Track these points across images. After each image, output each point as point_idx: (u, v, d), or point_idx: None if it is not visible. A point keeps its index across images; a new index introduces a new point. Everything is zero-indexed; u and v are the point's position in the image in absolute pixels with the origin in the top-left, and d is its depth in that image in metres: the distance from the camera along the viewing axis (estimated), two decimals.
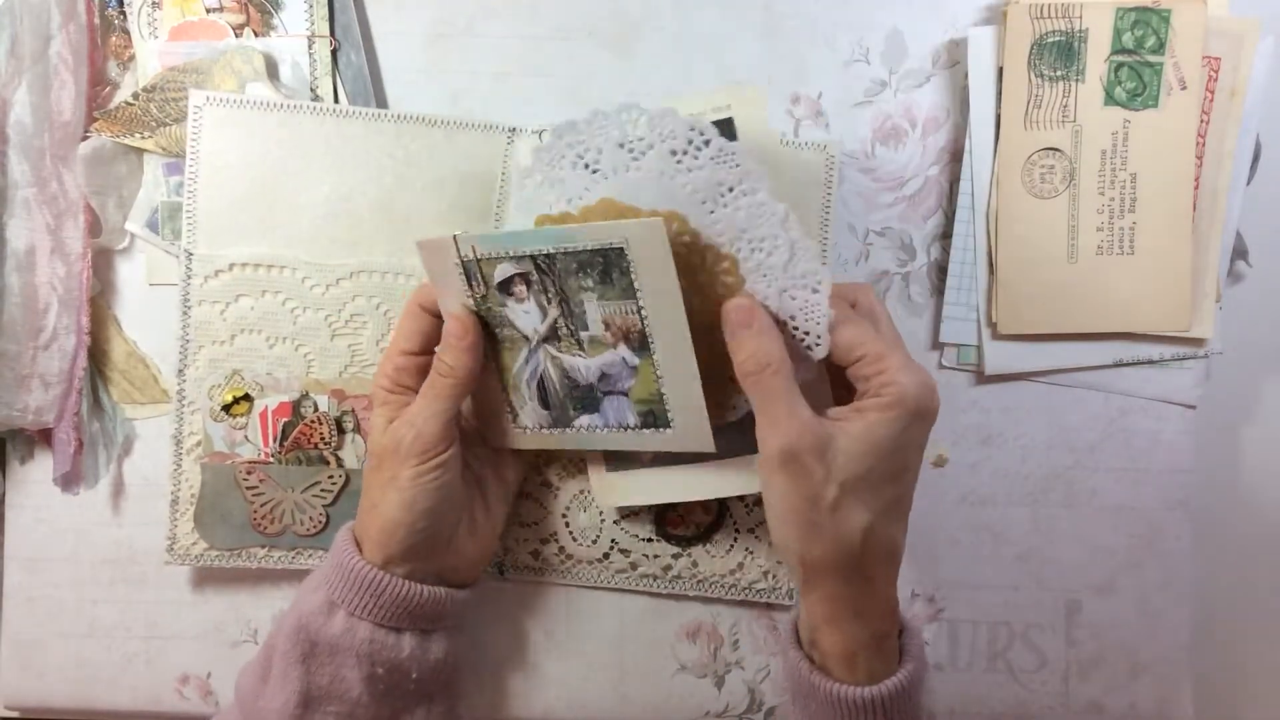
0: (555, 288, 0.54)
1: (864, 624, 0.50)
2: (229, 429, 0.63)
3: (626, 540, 0.63)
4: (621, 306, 0.53)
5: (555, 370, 0.57)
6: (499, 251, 0.53)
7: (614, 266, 0.52)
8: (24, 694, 0.67)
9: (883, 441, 0.49)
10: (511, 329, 0.56)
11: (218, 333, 0.62)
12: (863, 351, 0.50)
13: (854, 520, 0.49)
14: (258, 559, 0.64)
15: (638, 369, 0.55)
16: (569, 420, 0.58)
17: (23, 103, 0.61)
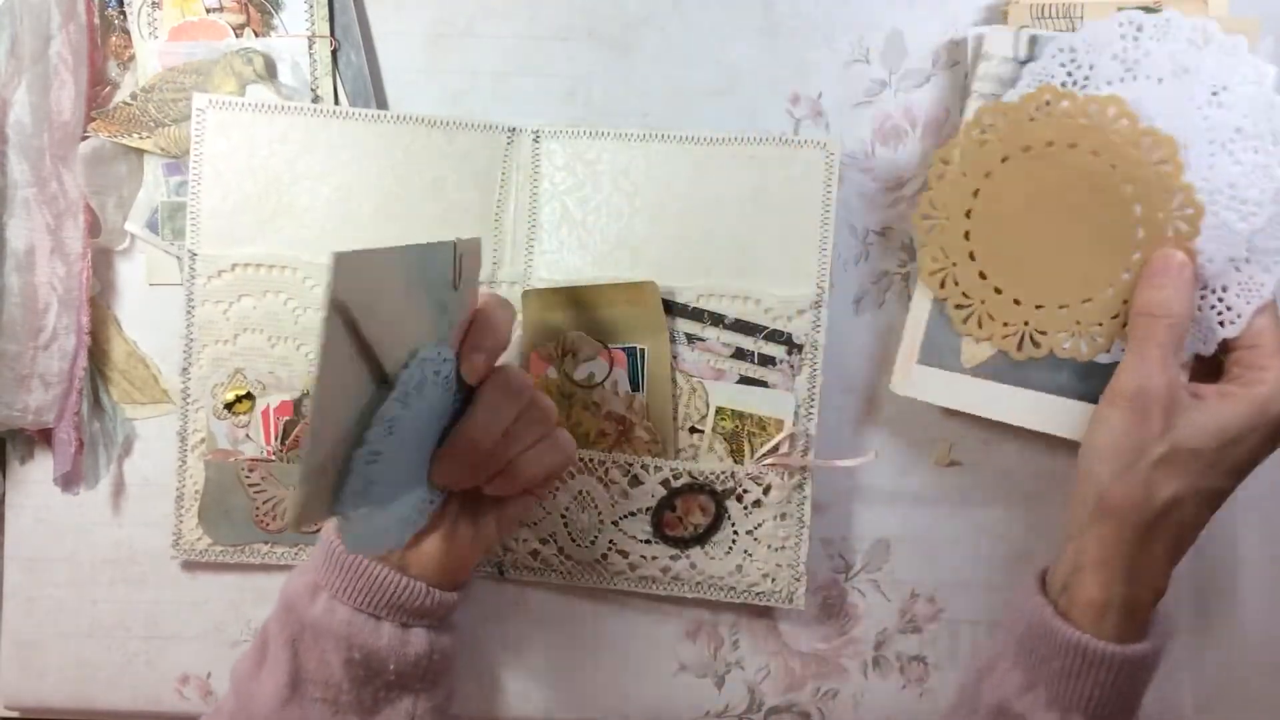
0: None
1: (1127, 583, 0.50)
2: (232, 427, 0.63)
3: (624, 541, 0.63)
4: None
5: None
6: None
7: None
8: (24, 694, 0.67)
9: (1228, 429, 0.49)
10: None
11: (221, 332, 0.62)
12: (1262, 342, 0.51)
13: (1168, 484, 0.49)
14: (261, 555, 0.64)
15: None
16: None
17: (22, 103, 0.61)
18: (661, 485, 0.62)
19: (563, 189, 0.63)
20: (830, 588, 0.66)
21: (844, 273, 0.65)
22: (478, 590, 0.66)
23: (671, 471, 0.62)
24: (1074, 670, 0.50)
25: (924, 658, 0.66)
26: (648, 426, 0.62)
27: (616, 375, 0.62)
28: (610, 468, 0.63)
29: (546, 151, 0.63)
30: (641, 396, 0.62)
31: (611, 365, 0.62)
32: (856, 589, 0.66)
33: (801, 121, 0.65)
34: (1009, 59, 0.59)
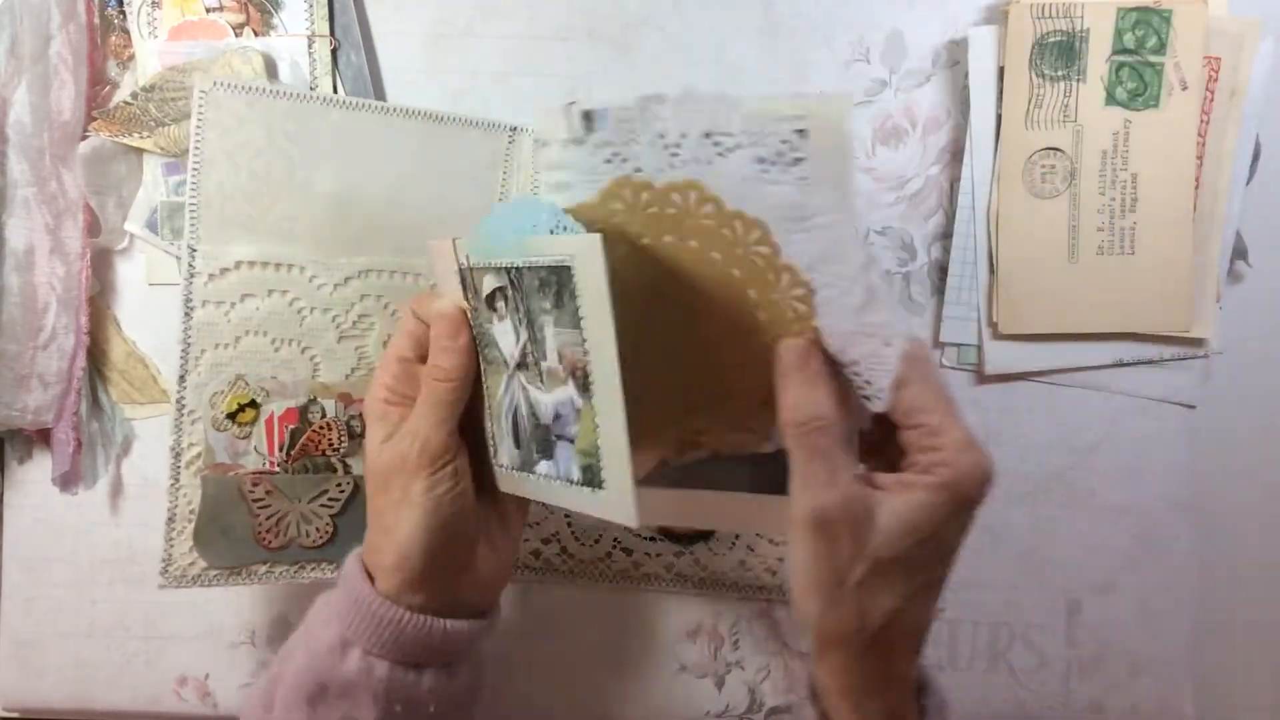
0: (524, 306, 0.48)
1: (879, 700, 0.47)
2: (232, 439, 0.60)
3: (629, 540, 0.63)
4: (570, 337, 0.46)
5: (525, 404, 0.50)
6: (482, 260, 0.49)
7: (565, 288, 0.45)
8: (23, 694, 0.66)
9: (924, 525, 0.44)
10: (496, 350, 0.51)
11: (222, 335, 0.60)
12: (923, 420, 0.45)
13: (879, 602, 0.45)
14: (258, 576, 0.62)
15: (580, 414, 0.47)
16: (533, 464, 0.51)
17: (22, 102, 0.61)
18: None
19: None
20: None
21: None
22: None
23: None
24: None
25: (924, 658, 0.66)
26: None
27: None
28: None
29: None
30: None
31: None
32: None
33: None
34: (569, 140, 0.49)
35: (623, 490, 0.46)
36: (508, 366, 0.50)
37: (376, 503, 0.52)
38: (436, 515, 0.50)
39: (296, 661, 0.51)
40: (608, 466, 0.46)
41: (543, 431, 0.49)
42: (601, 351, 0.44)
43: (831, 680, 0.47)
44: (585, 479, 0.48)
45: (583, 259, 0.44)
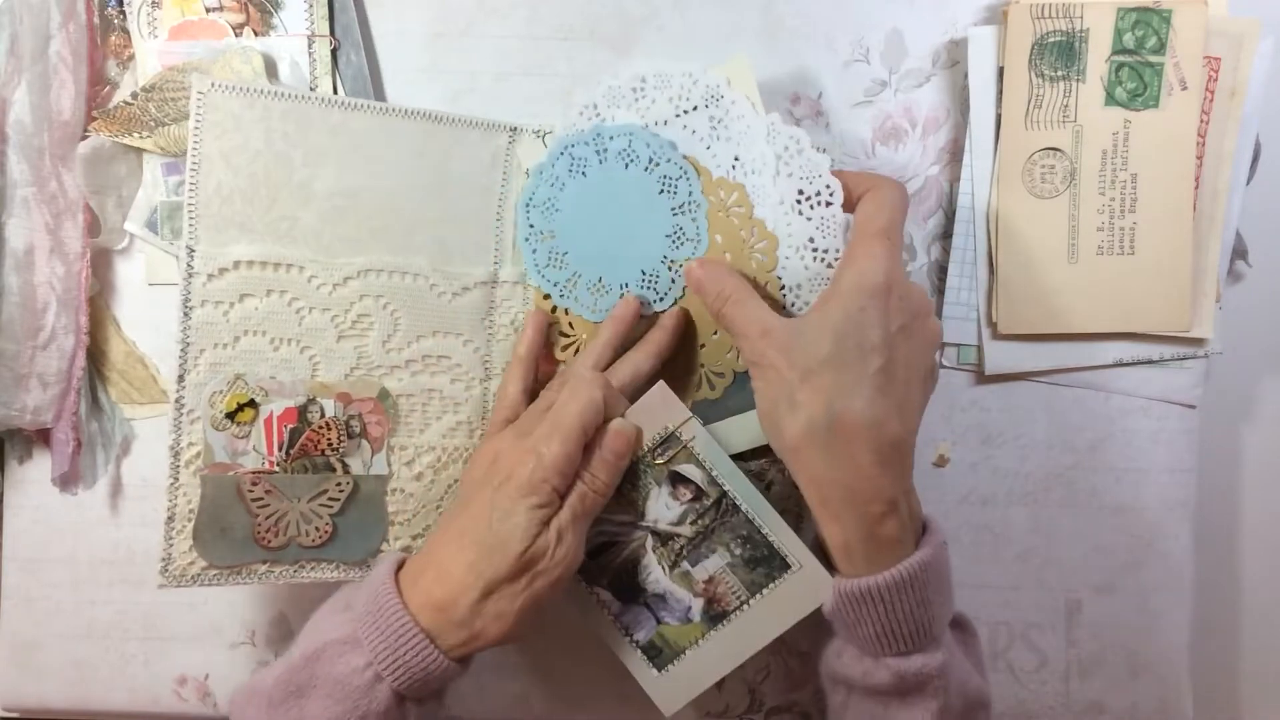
0: (710, 523, 0.56)
1: (851, 506, 0.51)
2: (231, 438, 0.60)
3: None
4: (737, 586, 0.56)
5: (633, 553, 0.58)
6: (705, 458, 0.56)
7: (765, 566, 0.56)
8: (22, 695, 0.66)
9: (837, 323, 0.50)
10: (635, 494, 0.57)
11: (220, 335, 0.60)
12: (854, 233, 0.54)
13: (818, 400, 0.50)
14: (258, 576, 0.61)
15: (688, 626, 0.57)
16: (595, 581, 0.58)
17: (22, 102, 0.61)
18: None
19: None
20: None
21: None
22: None
23: None
24: (853, 617, 0.51)
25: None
26: None
27: None
28: None
29: None
30: None
31: None
32: None
33: (801, 121, 0.65)
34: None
35: (684, 693, 0.58)
36: (641, 518, 0.57)
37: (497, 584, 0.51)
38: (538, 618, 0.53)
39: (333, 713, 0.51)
40: (681, 670, 0.57)
41: (635, 587, 0.58)
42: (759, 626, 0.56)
43: (812, 493, 0.52)
44: (648, 651, 0.58)
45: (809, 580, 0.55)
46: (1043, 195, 0.63)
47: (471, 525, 0.53)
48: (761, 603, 0.56)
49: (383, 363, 0.62)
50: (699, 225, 0.59)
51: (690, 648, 0.57)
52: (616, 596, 0.58)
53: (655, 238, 0.60)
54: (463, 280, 0.62)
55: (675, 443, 0.56)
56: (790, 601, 0.55)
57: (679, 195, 0.59)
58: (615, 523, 0.57)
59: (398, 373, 0.62)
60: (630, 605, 0.58)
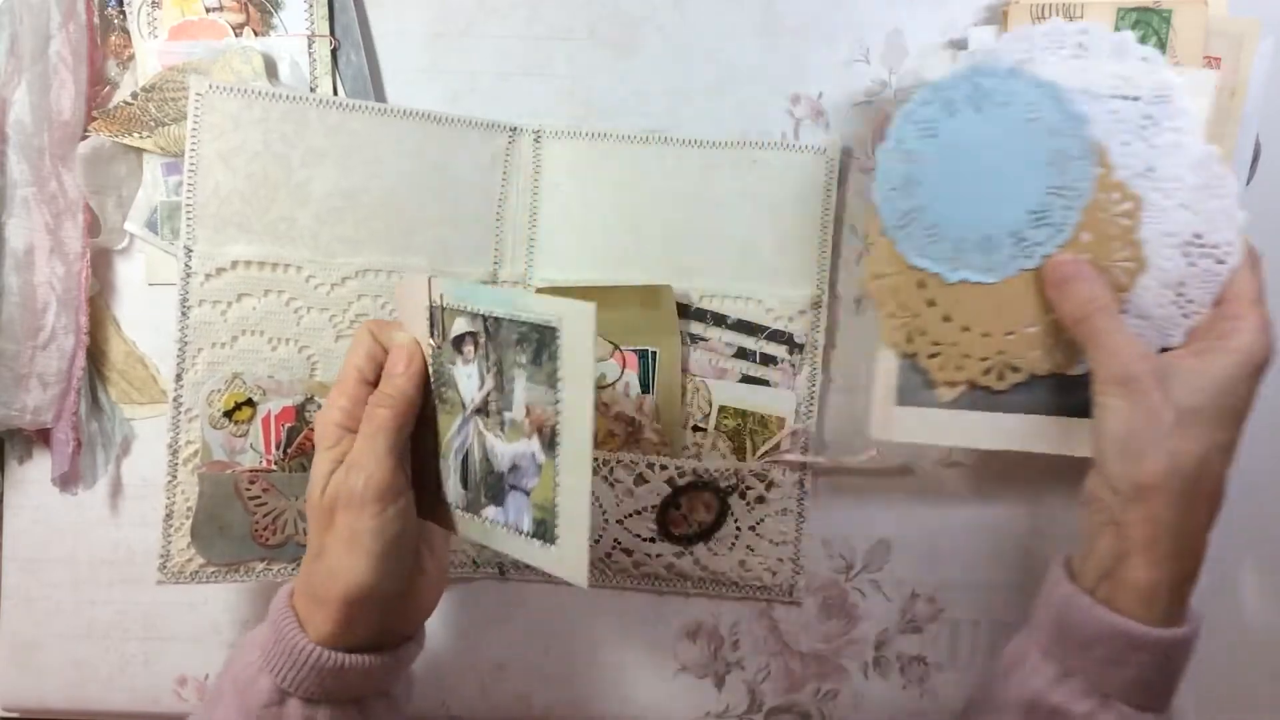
0: (495, 356, 0.50)
1: (1177, 557, 0.50)
2: (229, 436, 0.61)
3: (629, 540, 0.63)
4: (543, 394, 0.49)
5: (479, 447, 0.52)
6: (459, 304, 0.51)
7: (545, 348, 0.48)
8: (22, 695, 0.66)
9: (1221, 380, 0.49)
10: (454, 391, 0.52)
11: (218, 334, 0.61)
12: (1233, 295, 0.52)
13: (1191, 444, 0.49)
14: (256, 573, 0.62)
15: (542, 469, 0.49)
16: (479, 506, 0.52)
17: (22, 102, 0.61)
18: (666, 484, 0.63)
19: (563, 189, 0.63)
20: (830, 587, 0.66)
21: (845, 273, 0.65)
22: (478, 590, 0.66)
23: (676, 470, 0.62)
24: (1116, 657, 0.49)
25: (924, 658, 0.66)
26: (657, 429, 0.62)
27: (627, 377, 0.62)
28: (615, 467, 0.63)
29: (548, 152, 0.63)
30: (652, 398, 0.62)
31: (624, 367, 0.62)
32: (856, 589, 0.66)
33: (801, 121, 0.65)
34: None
35: (577, 549, 0.48)
36: (465, 409, 0.52)
37: (323, 539, 0.50)
38: (385, 555, 0.49)
39: (230, 712, 0.50)
40: (563, 524, 0.48)
41: (496, 478, 0.51)
42: (577, 416, 0.47)
43: (1141, 530, 0.49)
44: (537, 532, 0.50)
45: (572, 325, 0.46)
46: None
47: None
48: (563, 389, 0.48)
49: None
50: (1071, 215, 0.55)
51: (556, 496, 0.49)
52: (495, 503, 0.52)
53: (1016, 208, 0.56)
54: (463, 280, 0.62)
55: (438, 313, 0.52)
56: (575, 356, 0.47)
57: (1065, 176, 0.55)
58: (454, 436, 0.53)
59: None
60: (504, 500, 0.51)
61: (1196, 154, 0.54)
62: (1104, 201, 0.55)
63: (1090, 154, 0.55)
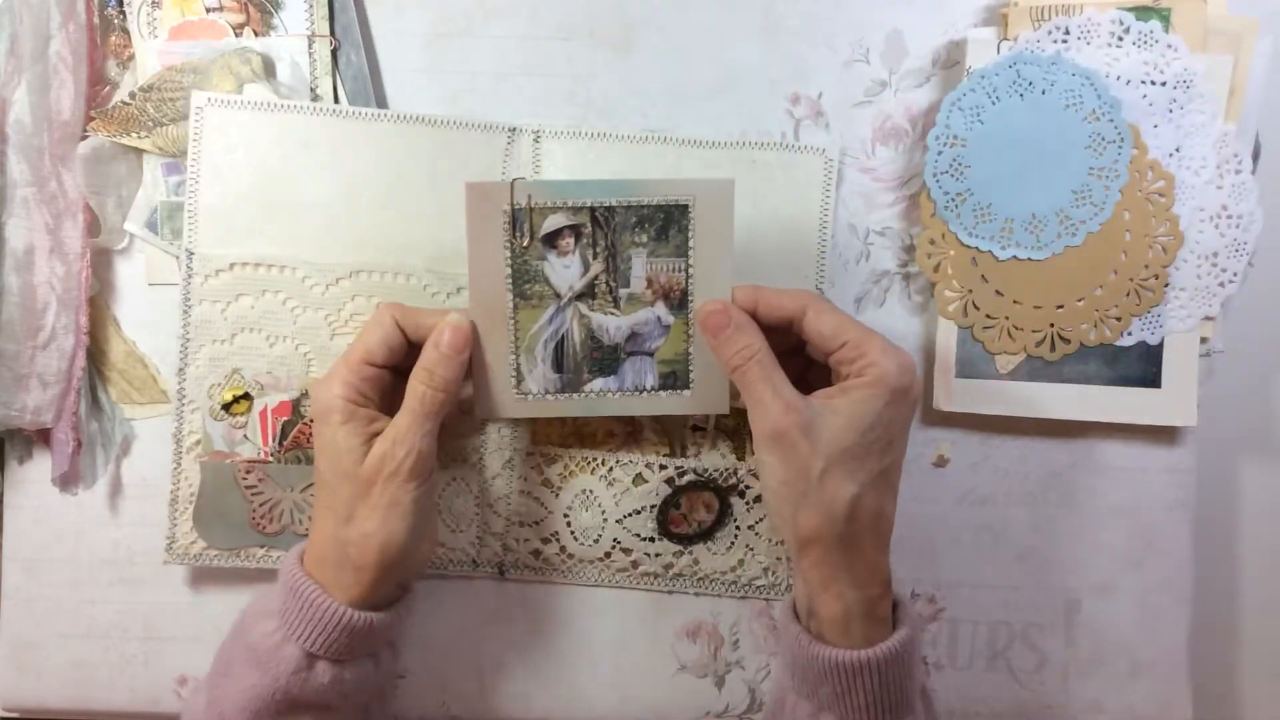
0: (606, 241, 0.56)
1: (856, 588, 0.52)
2: (229, 428, 0.63)
3: (628, 539, 0.63)
4: (670, 264, 0.56)
5: (580, 330, 0.57)
6: (557, 201, 0.55)
7: (674, 223, 0.55)
8: (22, 695, 0.66)
9: (865, 417, 0.51)
10: (543, 285, 0.56)
11: (218, 331, 0.62)
12: (846, 338, 0.53)
13: (841, 490, 0.51)
14: (256, 559, 0.64)
15: (670, 328, 0.57)
16: (580, 384, 0.58)
17: (22, 102, 0.61)
18: (666, 483, 0.63)
19: None
20: None
21: (844, 273, 0.65)
22: (478, 590, 0.66)
23: (676, 469, 0.62)
24: (845, 687, 0.51)
25: (924, 658, 0.66)
26: (656, 428, 0.62)
27: None
28: (614, 467, 0.63)
29: (547, 152, 0.63)
30: None
31: None
32: None
33: (801, 121, 0.65)
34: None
35: (716, 386, 0.58)
36: (559, 299, 0.57)
37: (354, 508, 0.53)
38: (420, 522, 0.54)
39: (249, 681, 0.53)
40: (698, 369, 0.58)
41: (606, 352, 0.58)
42: (716, 273, 0.56)
43: (815, 573, 0.52)
44: (665, 384, 0.58)
45: (710, 199, 0.55)
46: None
47: (316, 482, 0.56)
48: (696, 253, 0.56)
49: None
50: (1110, 195, 0.60)
51: (689, 345, 0.57)
52: (604, 374, 0.58)
53: (1059, 189, 0.61)
54: (458, 280, 0.62)
55: (522, 214, 0.55)
56: (712, 228, 0.55)
57: (1103, 159, 0.60)
58: (543, 326, 0.57)
59: None
60: (618, 370, 0.58)
61: (1216, 133, 0.59)
62: (1138, 181, 0.60)
63: (1125, 137, 0.60)
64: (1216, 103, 0.61)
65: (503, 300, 0.56)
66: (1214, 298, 0.62)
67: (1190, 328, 0.63)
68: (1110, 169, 0.60)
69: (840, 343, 0.53)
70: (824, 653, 0.52)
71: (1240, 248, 0.61)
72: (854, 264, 0.65)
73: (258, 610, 0.55)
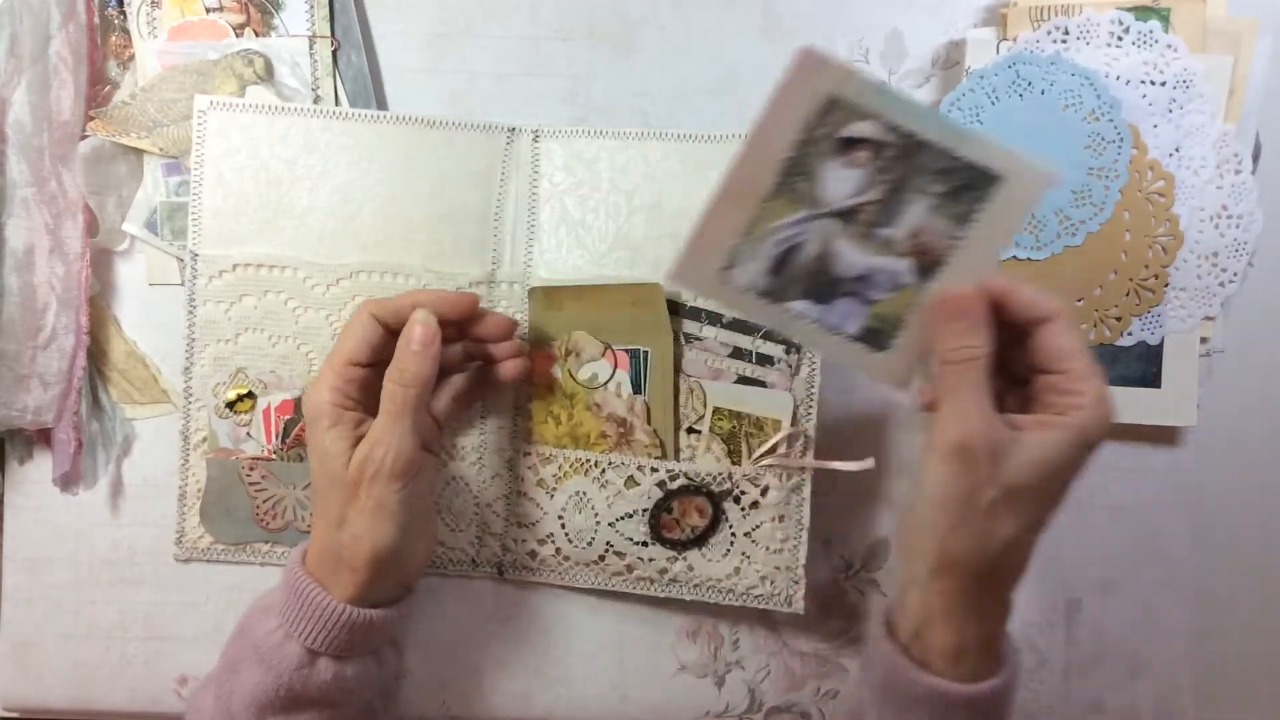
0: (898, 174, 0.51)
1: (979, 625, 0.50)
2: (233, 426, 0.63)
3: (621, 543, 0.63)
4: (945, 227, 0.51)
5: (817, 246, 0.52)
6: (874, 109, 0.50)
7: (973, 189, 0.50)
8: (23, 695, 0.66)
9: (1052, 462, 0.48)
10: (806, 183, 0.52)
11: (222, 331, 0.63)
12: (1069, 365, 0.49)
13: (1004, 527, 0.48)
14: (261, 554, 0.65)
15: (902, 289, 0.52)
16: (784, 298, 0.53)
17: (22, 102, 0.61)
18: (657, 487, 0.62)
19: (562, 188, 0.63)
20: (830, 588, 0.66)
21: None
22: (478, 590, 0.66)
23: (668, 473, 0.62)
24: (938, 715, 0.50)
25: None
26: (649, 430, 0.62)
27: (619, 377, 0.62)
28: (606, 469, 0.62)
29: (546, 151, 0.63)
30: (643, 399, 0.62)
31: (615, 367, 0.62)
32: (856, 589, 0.66)
33: None
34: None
35: (907, 364, 0.53)
36: (816, 207, 0.52)
37: (345, 510, 0.54)
38: (409, 521, 0.54)
39: (255, 678, 0.54)
40: (904, 340, 0.52)
41: (829, 280, 0.53)
42: (979, 258, 0.51)
43: (942, 601, 0.50)
44: (864, 338, 0.53)
45: (1022, 184, 0.50)
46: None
47: (312, 485, 0.57)
48: (975, 230, 0.51)
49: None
50: (1109, 196, 0.60)
51: (908, 314, 0.52)
52: (815, 300, 0.53)
53: (1059, 189, 0.61)
54: (458, 280, 0.62)
55: (838, 108, 0.50)
56: (1003, 216, 0.50)
57: (1103, 159, 0.60)
58: (786, 226, 0.52)
59: None
60: (831, 303, 0.53)
61: (1216, 133, 0.60)
62: (1139, 181, 0.60)
63: (1125, 137, 0.59)
64: (1216, 103, 0.61)
65: (764, 179, 0.52)
66: (1214, 298, 0.62)
67: (1190, 328, 0.62)
68: (1110, 169, 0.60)
69: (1064, 369, 0.49)
70: (928, 681, 0.50)
71: (1240, 248, 0.61)
72: None
73: (261, 608, 0.56)
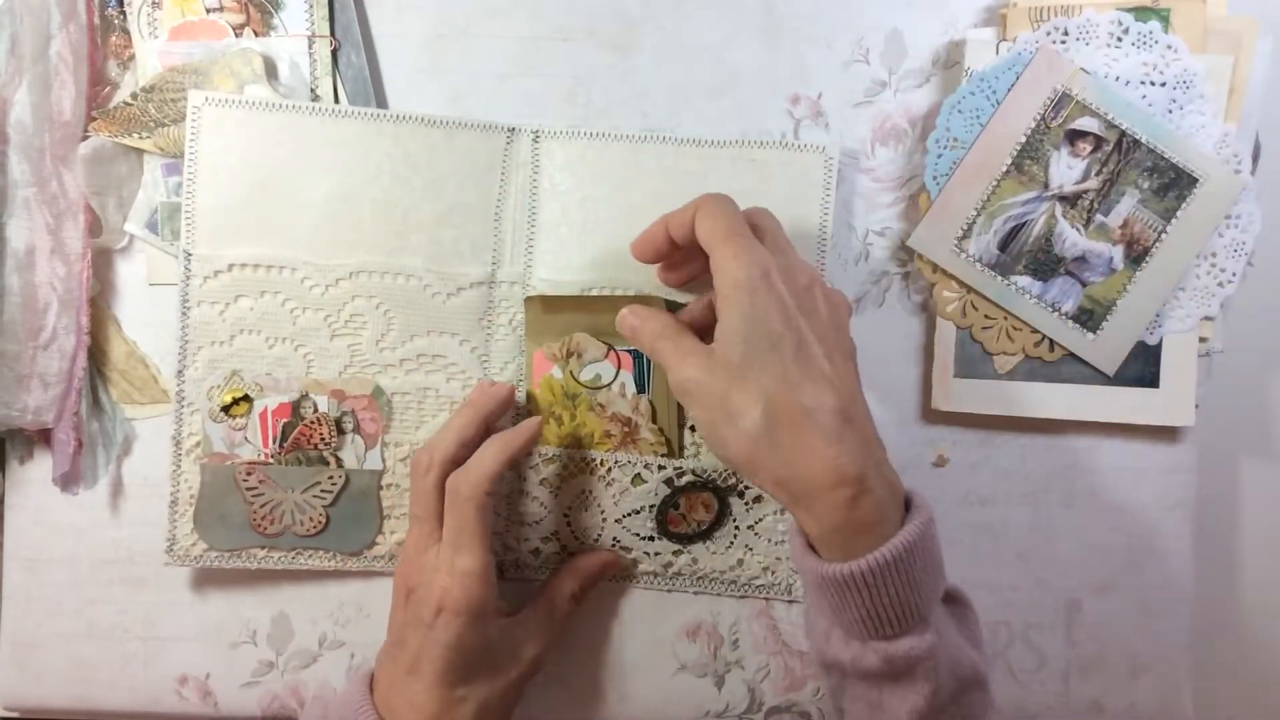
0: (1115, 167, 0.60)
1: (823, 498, 0.48)
2: (228, 430, 0.62)
3: (628, 538, 0.63)
4: (1152, 220, 0.60)
5: (1044, 226, 0.61)
6: (1100, 108, 0.59)
7: (1176, 188, 0.60)
8: (22, 695, 0.66)
9: (737, 327, 0.50)
10: (1040, 168, 0.60)
11: (217, 333, 0.62)
12: (707, 245, 0.52)
13: (750, 401, 0.49)
14: (257, 560, 0.64)
15: (1115, 273, 0.61)
16: (1009, 272, 0.61)
17: (23, 103, 0.61)
18: (665, 484, 0.63)
19: (562, 189, 0.63)
20: None
21: (844, 273, 0.65)
22: None
23: (674, 470, 0.62)
24: (838, 600, 0.50)
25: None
26: (653, 429, 0.62)
27: (623, 378, 0.62)
28: (613, 468, 0.63)
29: (546, 151, 0.63)
30: (647, 399, 0.62)
31: (619, 368, 0.62)
32: None
33: (801, 122, 0.65)
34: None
35: (1118, 347, 0.61)
36: (1045, 189, 0.61)
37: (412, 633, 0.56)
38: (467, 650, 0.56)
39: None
40: (1115, 323, 0.61)
41: (1051, 258, 0.61)
42: (1181, 251, 0.59)
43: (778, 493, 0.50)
44: (1078, 317, 0.62)
45: (1218, 187, 0.59)
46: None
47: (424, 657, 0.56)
48: (1177, 226, 0.60)
49: (376, 361, 0.62)
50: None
51: (1119, 296, 0.61)
52: (1036, 276, 0.61)
53: None
54: (458, 281, 0.62)
55: (1067, 101, 0.60)
56: (1202, 217, 0.59)
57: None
58: (1018, 204, 0.61)
59: (392, 371, 0.62)
60: (1051, 280, 0.61)
61: (1216, 133, 0.60)
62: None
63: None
64: (1216, 103, 0.61)
65: (1002, 158, 0.60)
66: (1213, 298, 0.62)
67: (1189, 328, 0.63)
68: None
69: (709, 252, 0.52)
70: (810, 566, 0.50)
71: (1239, 248, 0.62)
72: (853, 264, 0.65)
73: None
